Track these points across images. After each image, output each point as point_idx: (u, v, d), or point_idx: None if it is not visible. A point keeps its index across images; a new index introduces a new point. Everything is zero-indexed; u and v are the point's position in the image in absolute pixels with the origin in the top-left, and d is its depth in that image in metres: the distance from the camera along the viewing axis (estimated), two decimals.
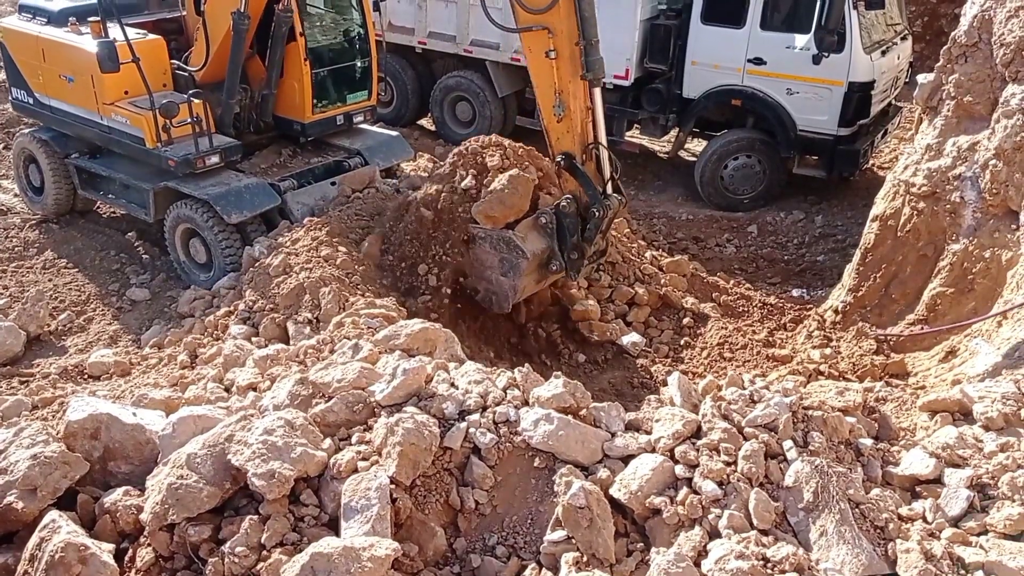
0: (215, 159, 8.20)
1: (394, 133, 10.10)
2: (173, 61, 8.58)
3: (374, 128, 10.04)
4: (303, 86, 8.72)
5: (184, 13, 9.13)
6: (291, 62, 8.68)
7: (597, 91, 6.83)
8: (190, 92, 8.14)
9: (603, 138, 6.99)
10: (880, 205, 7.77)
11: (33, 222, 9.44)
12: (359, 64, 9.21)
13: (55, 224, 9.40)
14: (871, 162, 11.30)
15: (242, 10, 7.97)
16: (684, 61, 10.72)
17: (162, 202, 8.46)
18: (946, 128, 7.24)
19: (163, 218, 8.47)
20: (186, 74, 8.55)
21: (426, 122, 13.29)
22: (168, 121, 7.89)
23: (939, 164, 7.16)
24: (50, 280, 8.47)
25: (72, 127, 8.99)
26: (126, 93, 8.23)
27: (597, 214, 6.94)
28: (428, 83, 12.75)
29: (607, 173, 7.07)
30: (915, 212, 7.37)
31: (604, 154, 7.04)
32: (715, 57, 10.47)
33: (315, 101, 8.85)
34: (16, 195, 9.88)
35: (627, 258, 8.48)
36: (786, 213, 10.58)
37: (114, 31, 7.74)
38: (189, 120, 7.89)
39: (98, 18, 8.06)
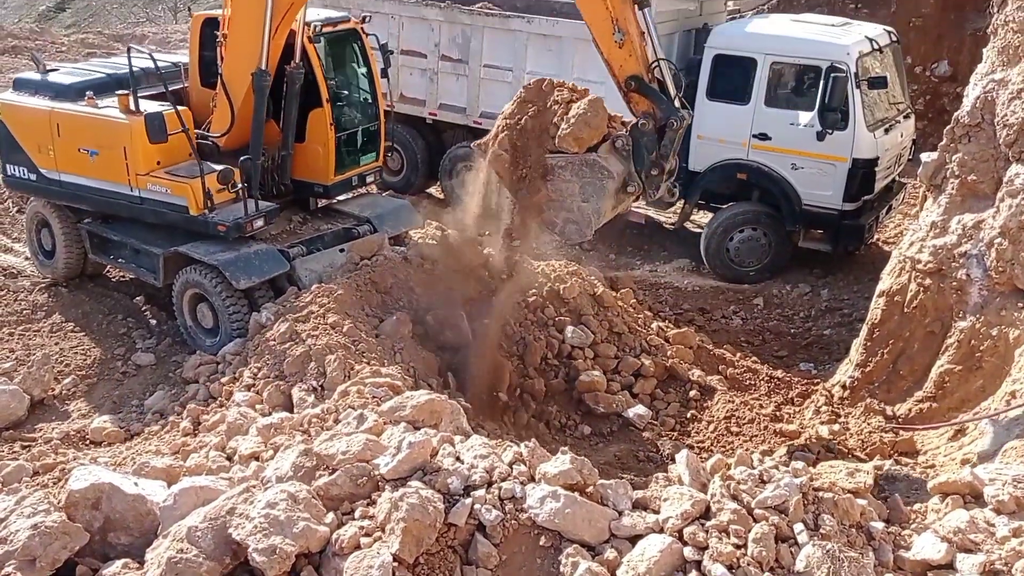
0: (260, 222, 8.40)
1: (403, 201, 10.22)
2: (196, 130, 8.69)
3: (383, 196, 10.16)
4: (328, 150, 8.96)
5: (186, 85, 9.15)
6: (316, 127, 8.91)
7: (648, 11, 7.10)
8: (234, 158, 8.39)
9: (661, 54, 7.22)
10: (886, 281, 7.79)
11: (42, 285, 9.49)
12: (371, 127, 9.52)
13: (64, 288, 9.45)
14: (876, 237, 11.36)
15: (263, 68, 8.16)
16: (690, 135, 10.87)
17: (171, 267, 8.51)
18: (951, 206, 7.30)
19: (172, 283, 8.51)
20: (208, 142, 8.62)
21: (435, 190, 13.43)
22: (226, 186, 8.19)
23: (944, 241, 7.21)
24: (57, 344, 8.48)
25: (89, 201, 8.91)
26: (158, 164, 8.33)
27: (676, 124, 7.06)
28: (437, 153, 12.94)
29: (672, 90, 7.25)
30: (921, 288, 7.38)
31: (667, 69, 7.21)
32: (720, 132, 10.63)
33: (336, 164, 9.09)
34: (27, 258, 9.96)
35: (633, 329, 8.49)
36: (792, 286, 10.61)
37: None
38: (240, 185, 8.21)
39: (125, 92, 8.23)
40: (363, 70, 9.51)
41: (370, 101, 9.51)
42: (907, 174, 11.56)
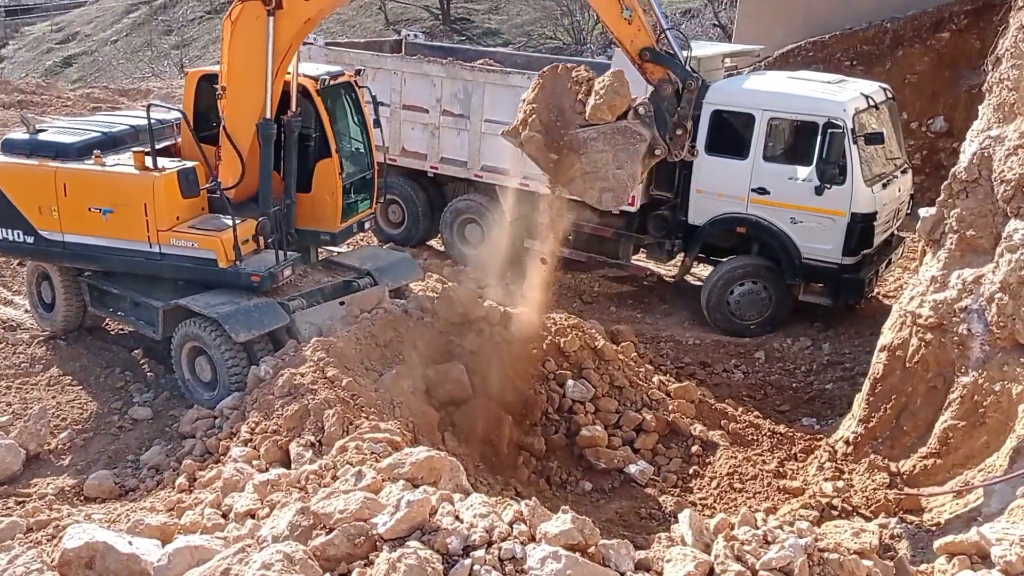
0: (288, 271, 8.59)
1: (404, 254, 10.26)
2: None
3: (384, 248, 10.21)
4: (336, 199, 9.14)
5: (178, 141, 9.19)
6: (325, 176, 9.10)
7: None
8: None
9: (664, 23, 7.60)
10: (887, 335, 7.77)
11: (41, 338, 9.47)
12: (367, 176, 9.80)
13: (63, 340, 9.43)
14: (876, 291, 11.37)
15: (268, 117, 8.37)
16: (689, 189, 10.97)
17: (171, 320, 8.50)
18: (950, 261, 7.32)
19: (171, 336, 8.49)
20: (217, 195, 8.63)
21: (435, 243, 13.49)
22: (263, 237, 8.51)
23: (945, 296, 7.20)
24: (54, 397, 8.42)
25: (98, 260, 8.77)
26: (178, 219, 8.38)
27: (692, 85, 7.51)
28: (439, 205, 13.03)
29: (681, 56, 7.68)
30: (923, 343, 7.36)
31: (672, 38, 7.60)
32: (719, 186, 10.72)
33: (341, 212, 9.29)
34: (26, 311, 9.95)
35: (634, 383, 8.44)
36: (793, 340, 10.59)
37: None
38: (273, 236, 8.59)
39: (143, 148, 8.36)
40: (358, 120, 9.74)
41: (364, 151, 9.82)
42: (906, 228, 11.61)
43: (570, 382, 8.19)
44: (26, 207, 8.70)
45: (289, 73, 8.65)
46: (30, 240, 8.79)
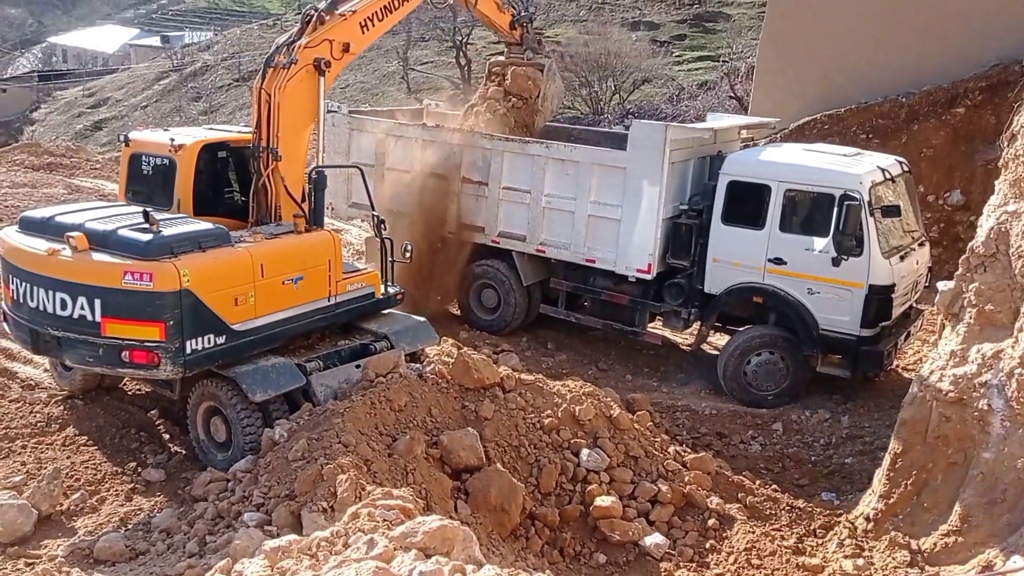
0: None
1: (421, 318, 10.28)
2: None
3: (401, 312, 10.26)
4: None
5: None
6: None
7: None
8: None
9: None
10: (907, 410, 7.68)
11: (59, 398, 9.51)
12: None
13: (80, 400, 9.46)
14: (896, 364, 11.27)
15: (322, 169, 8.98)
16: (706, 258, 11.01)
17: (188, 380, 8.52)
18: (969, 335, 7.27)
19: (188, 396, 8.52)
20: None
21: (451, 307, 13.54)
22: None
23: (964, 371, 7.14)
24: (68, 457, 8.41)
25: (284, 334, 8.46)
26: None
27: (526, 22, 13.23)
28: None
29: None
30: (943, 418, 7.27)
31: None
32: (736, 255, 10.75)
33: None
34: (45, 370, 10.02)
35: (650, 453, 8.35)
36: (811, 412, 10.47)
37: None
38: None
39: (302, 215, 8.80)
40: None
41: None
42: (924, 301, 11.56)
43: (584, 451, 8.11)
44: (221, 304, 7.81)
45: None
46: (221, 341, 7.88)
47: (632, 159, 11.03)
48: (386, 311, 9.89)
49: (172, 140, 9.16)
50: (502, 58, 13.56)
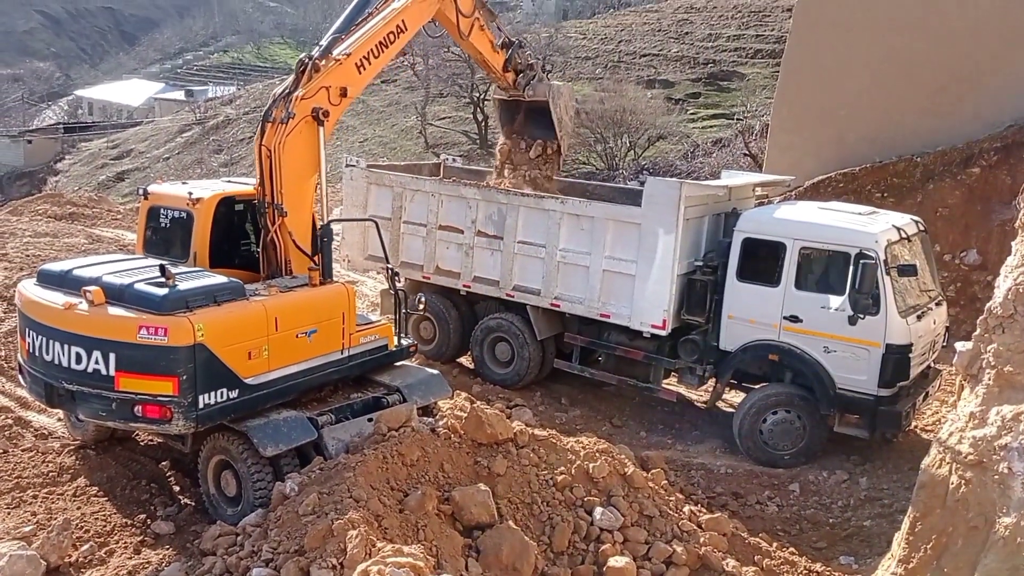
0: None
1: (434, 371, 10.26)
2: None
3: (414, 365, 10.25)
4: None
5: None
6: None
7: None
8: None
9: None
10: (926, 472, 7.54)
11: (71, 447, 9.51)
12: None
13: (92, 450, 9.45)
14: (914, 424, 11.13)
15: (329, 221, 9.11)
16: (721, 315, 10.98)
17: (200, 432, 8.51)
18: (988, 397, 7.16)
19: (199, 448, 8.49)
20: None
21: (465, 360, 13.53)
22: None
23: (984, 433, 7.02)
24: (79, 508, 8.37)
25: (296, 387, 8.44)
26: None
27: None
28: (470, 323, 13.15)
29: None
30: (963, 481, 7.13)
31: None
32: (751, 312, 10.72)
33: None
34: (59, 419, 10.04)
35: (664, 512, 8.21)
36: (829, 472, 10.32)
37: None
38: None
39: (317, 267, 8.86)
40: None
41: None
42: (942, 360, 11.46)
43: (598, 509, 7.99)
44: (234, 358, 7.81)
45: None
46: (234, 395, 7.87)
47: (647, 215, 11.08)
48: (399, 363, 9.88)
49: (190, 193, 9.29)
50: (503, 140, 13.57)
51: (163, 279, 7.68)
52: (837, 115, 17.81)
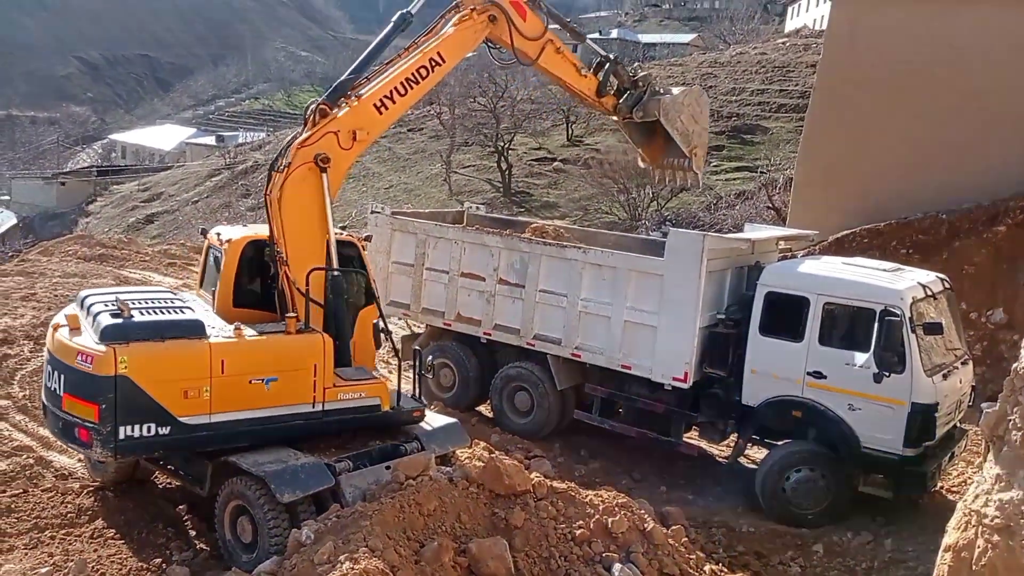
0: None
1: (453, 420, 10.22)
2: None
3: (433, 413, 10.21)
4: (376, 344, 9.58)
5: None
6: (366, 323, 9.41)
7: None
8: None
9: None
10: (952, 535, 7.36)
11: (91, 488, 9.53)
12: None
13: (111, 492, 9.46)
14: (940, 485, 10.91)
15: (336, 273, 8.89)
16: (743, 369, 10.88)
17: (218, 477, 8.51)
18: (1015, 459, 7.01)
19: (216, 493, 8.48)
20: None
21: (484, 408, 13.47)
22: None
23: (1011, 496, 6.86)
24: (95, 550, 8.35)
25: (251, 434, 8.27)
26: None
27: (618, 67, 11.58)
28: (490, 372, 13.11)
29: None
30: (989, 545, 6.94)
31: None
32: (774, 367, 10.61)
33: None
34: (80, 460, 10.08)
35: (684, 571, 8.06)
36: (853, 533, 10.08)
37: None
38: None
39: (292, 315, 8.58)
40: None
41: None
42: (968, 420, 11.26)
43: (617, 566, 7.85)
44: (166, 395, 7.78)
45: None
46: (165, 431, 7.83)
47: (669, 267, 11.07)
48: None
49: (218, 234, 9.58)
50: (642, 163, 12.75)
51: (118, 311, 7.93)
52: (862, 170, 17.81)
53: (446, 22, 10.09)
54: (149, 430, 7.78)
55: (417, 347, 9.85)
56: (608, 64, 11.37)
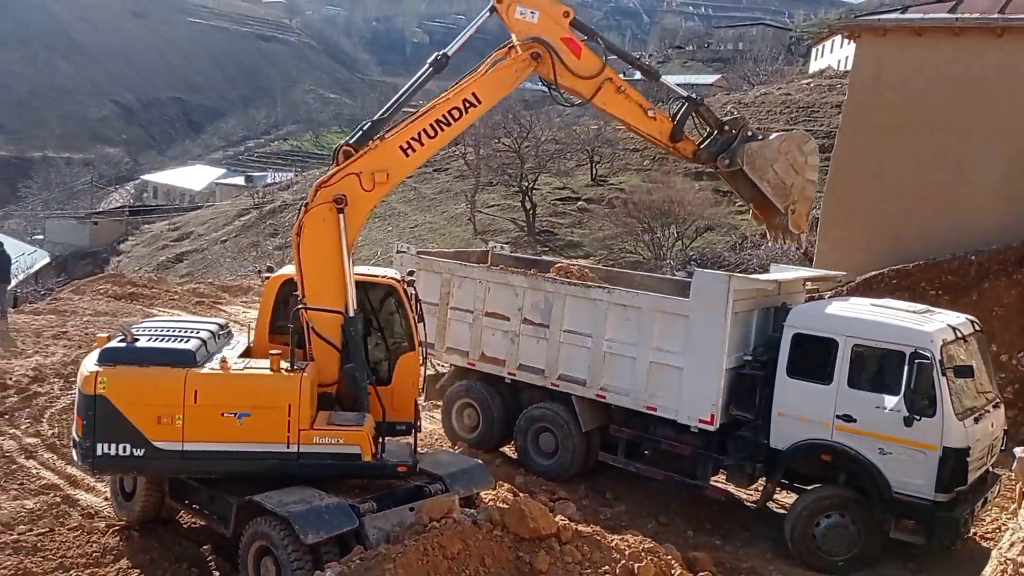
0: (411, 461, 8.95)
1: (477, 461, 10.17)
2: None
3: (457, 453, 10.15)
4: (416, 390, 9.53)
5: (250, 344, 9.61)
6: (407, 369, 9.45)
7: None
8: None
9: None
10: None
11: (116, 527, 9.56)
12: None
13: (136, 531, 9.49)
14: (973, 531, 10.64)
15: (352, 315, 8.87)
16: (771, 411, 10.73)
17: (243, 517, 8.51)
18: None
19: (241, 533, 8.47)
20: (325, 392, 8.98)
21: (508, 449, 13.39)
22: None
23: None
24: None
25: (226, 466, 8.46)
26: (313, 416, 8.55)
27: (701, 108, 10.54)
28: (514, 412, 13.01)
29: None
30: None
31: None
32: (802, 410, 10.46)
33: None
34: (106, 498, 10.12)
35: None
36: None
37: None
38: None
39: (277, 352, 8.56)
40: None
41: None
42: (1001, 465, 11.03)
43: None
44: (140, 418, 8.17)
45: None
46: (139, 453, 8.22)
47: (695, 308, 11.00)
48: (430, 453, 9.74)
49: (259, 272, 10.12)
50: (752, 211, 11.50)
51: (123, 337, 8.56)
52: (888, 211, 17.72)
53: (492, 63, 9.81)
54: (124, 450, 8.20)
55: (418, 401, 9.67)
56: (687, 106, 10.38)
